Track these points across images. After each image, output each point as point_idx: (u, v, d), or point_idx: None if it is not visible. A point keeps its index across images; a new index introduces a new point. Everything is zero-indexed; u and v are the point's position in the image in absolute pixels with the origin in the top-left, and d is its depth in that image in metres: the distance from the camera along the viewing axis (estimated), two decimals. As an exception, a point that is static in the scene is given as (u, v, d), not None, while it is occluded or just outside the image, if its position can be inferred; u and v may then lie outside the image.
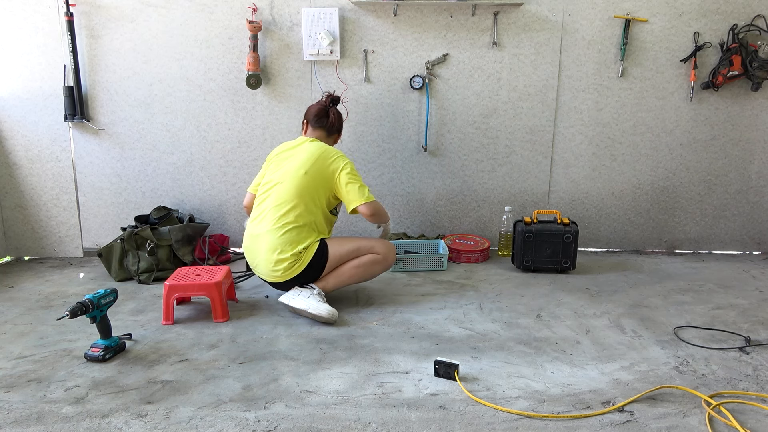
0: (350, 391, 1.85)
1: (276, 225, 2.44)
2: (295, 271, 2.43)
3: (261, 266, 2.49)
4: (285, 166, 2.55)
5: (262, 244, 2.46)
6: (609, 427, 1.66)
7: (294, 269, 2.43)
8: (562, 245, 2.99)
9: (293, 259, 2.42)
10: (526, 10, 3.20)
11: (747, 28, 3.17)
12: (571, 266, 3.02)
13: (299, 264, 2.43)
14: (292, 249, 2.41)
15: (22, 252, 3.43)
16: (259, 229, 2.49)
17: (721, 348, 2.17)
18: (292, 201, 2.46)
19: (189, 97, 3.29)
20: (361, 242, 2.57)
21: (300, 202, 2.46)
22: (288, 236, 2.42)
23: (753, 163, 3.38)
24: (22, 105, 3.24)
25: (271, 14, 3.21)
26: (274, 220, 2.45)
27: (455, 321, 2.43)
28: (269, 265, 2.44)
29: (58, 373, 1.98)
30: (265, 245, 2.44)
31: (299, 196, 2.46)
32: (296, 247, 2.42)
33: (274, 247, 2.42)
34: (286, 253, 2.41)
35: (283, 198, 2.47)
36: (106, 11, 3.17)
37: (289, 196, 2.47)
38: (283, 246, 2.41)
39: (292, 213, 2.44)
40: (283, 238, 2.42)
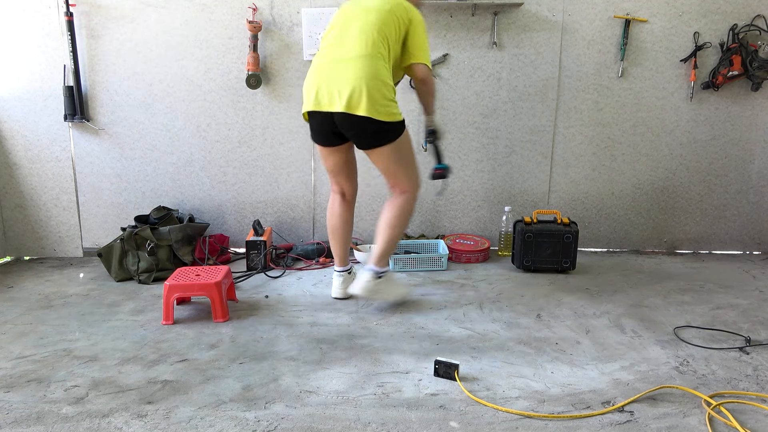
0: (350, 391, 1.85)
1: (370, 51, 2.26)
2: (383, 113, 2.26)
3: (342, 91, 2.26)
4: (363, 3, 2.37)
5: (350, 70, 2.26)
6: (609, 427, 1.66)
7: (385, 111, 2.27)
8: (562, 245, 2.99)
9: (390, 99, 2.28)
10: (526, 10, 3.20)
11: (747, 28, 3.17)
12: (571, 266, 3.02)
13: (391, 110, 2.29)
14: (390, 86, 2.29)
15: (22, 252, 3.43)
16: (343, 53, 2.29)
17: (721, 348, 2.17)
18: (381, 32, 2.29)
19: (189, 97, 3.29)
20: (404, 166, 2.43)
21: (386, 40, 2.30)
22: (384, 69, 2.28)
23: (753, 163, 3.38)
24: (22, 105, 3.24)
25: (271, 14, 3.21)
26: (366, 45, 2.27)
27: (455, 321, 2.43)
28: (359, 88, 2.23)
29: (58, 373, 1.98)
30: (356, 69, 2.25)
31: (385, 33, 2.30)
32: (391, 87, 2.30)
33: (372, 74, 2.24)
34: (389, 84, 2.28)
35: (370, 26, 2.29)
36: (106, 11, 3.17)
37: (377, 26, 2.29)
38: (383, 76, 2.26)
39: (383, 46, 2.29)
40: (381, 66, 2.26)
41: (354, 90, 2.25)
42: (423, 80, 2.40)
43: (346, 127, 2.34)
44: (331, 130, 2.41)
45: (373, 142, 2.36)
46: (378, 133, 2.33)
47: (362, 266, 2.61)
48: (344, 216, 2.64)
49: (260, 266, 3.10)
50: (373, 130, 2.31)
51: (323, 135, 2.45)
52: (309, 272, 3.11)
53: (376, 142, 2.36)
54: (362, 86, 2.24)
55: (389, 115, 2.30)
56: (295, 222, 3.49)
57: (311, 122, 2.46)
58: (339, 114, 2.30)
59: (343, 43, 2.33)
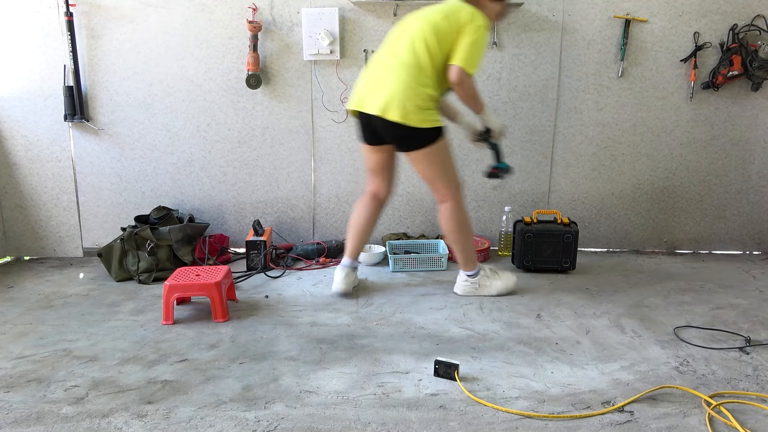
0: (350, 391, 1.85)
1: (411, 60, 2.36)
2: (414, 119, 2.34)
3: (379, 95, 2.37)
4: (421, 13, 2.46)
5: (391, 76, 2.37)
6: (609, 427, 1.66)
7: (417, 118, 2.34)
8: (562, 245, 2.99)
9: (423, 107, 2.35)
10: (526, 10, 3.20)
11: (747, 28, 3.17)
12: (571, 266, 3.02)
13: (425, 117, 2.35)
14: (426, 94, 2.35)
15: (22, 252, 3.43)
16: (389, 59, 2.41)
17: (721, 348, 2.17)
18: (429, 41, 2.36)
19: (189, 97, 3.29)
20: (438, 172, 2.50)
21: (434, 48, 2.36)
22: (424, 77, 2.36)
23: (753, 163, 3.38)
24: (22, 105, 3.24)
25: (271, 14, 3.21)
26: (410, 53, 2.37)
27: (455, 321, 2.43)
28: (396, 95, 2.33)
29: (58, 373, 1.98)
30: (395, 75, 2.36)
31: (432, 42, 2.36)
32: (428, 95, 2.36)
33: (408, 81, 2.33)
34: (426, 92, 2.35)
35: (419, 34, 2.38)
36: (106, 11, 3.17)
37: (425, 35, 2.36)
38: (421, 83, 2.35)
39: (427, 54, 2.36)
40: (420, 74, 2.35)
41: (388, 95, 2.35)
42: (455, 83, 2.38)
43: (381, 129, 2.45)
44: (373, 131, 2.52)
45: (405, 146, 2.45)
46: (409, 138, 2.41)
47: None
48: (368, 214, 2.71)
49: (260, 266, 3.10)
50: (403, 134, 2.40)
51: (367, 133, 2.57)
52: (309, 272, 3.11)
53: (408, 146, 2.45)
54: (397, 92, 2.34)
55: (421, 122, 2.36)
56: (295, 222, 3.49)
57: (357, 120, 2.58)
58: (375, 116, 2.42)
59: (393, 50, 2.44)
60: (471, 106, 2.47)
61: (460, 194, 2.58)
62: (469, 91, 2.41)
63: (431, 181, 2.54)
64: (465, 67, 2.35)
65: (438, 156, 2.47)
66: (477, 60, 2.38)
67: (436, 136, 2.43)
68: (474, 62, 2.37)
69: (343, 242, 3.38)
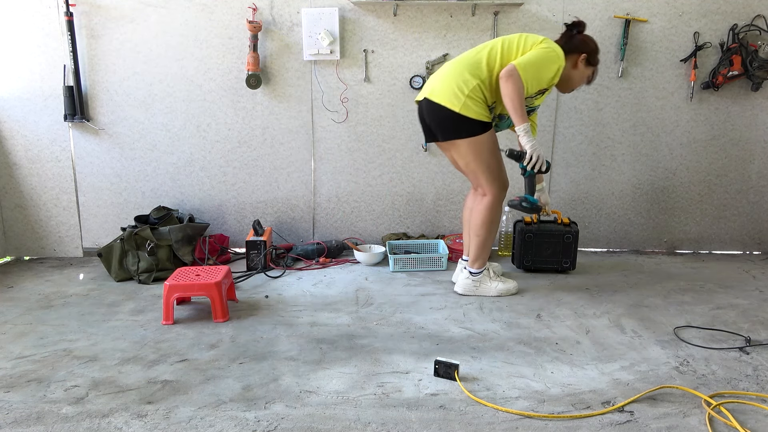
0: (350, 391, 1.85)
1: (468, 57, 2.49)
2: (455, 103, 2.40)
3: (431, 82, 2.52)
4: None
5: (446, 68, 2.51)
6: (609, 427, 1.66)
7: (460, 103, 2.40)
8: (563, 245, 2.99)
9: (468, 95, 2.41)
10: (526, 10, 3.20)
11: (747, 28, 3.17)
12: (572, 266, 3.02)
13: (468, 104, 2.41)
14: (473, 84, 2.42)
15: (22, 252, 3.43)
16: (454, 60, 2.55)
17: (721, 348, 2.17)
18: (496, 50, 2.47)
19: (189, 97, 3.29)
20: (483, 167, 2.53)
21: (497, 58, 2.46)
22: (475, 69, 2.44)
23: (753, 163, 3.38)
24: (22, 105, 3.24)
25: (271, 14, 3.21)
26: (470, 53, 2.51)
27: (455, 321, 2.43)
28: (443, 80, 2.45)
29: (58, 373, 1.98)
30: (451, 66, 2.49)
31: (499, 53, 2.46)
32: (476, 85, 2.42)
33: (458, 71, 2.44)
34: (474, 82, 2.42)
35: (488, 44, 2.52)
36: (106, 11, 3.17)
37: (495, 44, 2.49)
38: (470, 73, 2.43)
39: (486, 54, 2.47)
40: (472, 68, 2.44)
41: (438, 80, 2.48)
42: (502, 76, 2.36)
43: (427, 114, 2.52)
44: (425, 123, 2.59)
45: (446, 132, 2.49)
46: (450, 123, 2.45)
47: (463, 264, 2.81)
48: (472, 208, 2.72)
49: (260, 266, 3.10)
50: (446, 119, 2.45)
51: (423, 129, 2.63)
52: (309, 272, 3.11)
53: (450, 133, 2.48)
54: (445, 78, 2.45)
55: (464, 108, 2.41)
56: (295, 222, 3.49)
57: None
58: (423, 101, 2.52)
59: (465, 52, 2.63)
60: (510, 109, 2.39)
61: (503, 194, 2.60)
62: (512, 90, 2.34)
63: (474, 175, 2.57)
64: (518, 66, 2.35)
65: (483, 150, 2.50)
66: (534, 71, 2.38)
67: (481, 129, 2.46)
68: (529, 69, 2.37)
69: (342, 242, 3.38)
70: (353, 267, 3.19)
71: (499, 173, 2.55)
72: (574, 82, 2.60)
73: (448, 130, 2.48)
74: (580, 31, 2.56)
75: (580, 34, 2.55)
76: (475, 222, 2.61)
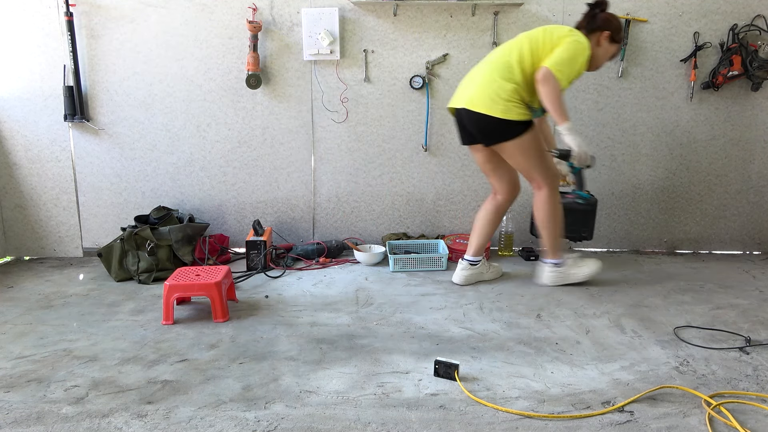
0: (350, 391, 1.85)
1: (500, 59, 2.52)
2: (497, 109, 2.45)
3: (468, 90, 2.55)
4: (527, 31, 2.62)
5: (480, 74, 2.55)
6: (609, 427, 1.66)
7: (501, 109, 2.45)
8: (583, 216, 3.00)
9: (507, 99, 2.46)
10: (526, 10, 3.20)
11: (747, 28, 3.17)
12: (589, 236, 3.04)
13: (508, 108, 2.46)
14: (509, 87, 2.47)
15: (22, 252, 3.43)
16: (484, 63, 2.60)
17: (721, 348, 2.17)
18: (522, 47, 2.51)
19: (189, 97, 3.29)
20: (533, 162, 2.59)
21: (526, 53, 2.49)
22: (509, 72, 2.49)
23: (753, 163, 3.38)
24: (22, 105, 3.24)
25: (271, 14, 3.21)
26: (501, 54, 2.54)
27: (455, 321, 2.43)
28: (481, 87, 2.49)
29: (58, 373, 1.98)
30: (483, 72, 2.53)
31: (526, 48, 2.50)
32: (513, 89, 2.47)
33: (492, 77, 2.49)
34: (510, 86, 2.46)
35: (514, 43, 2.55)
36: (106, 11, 3.17)
37: (522, 42, 2.53)
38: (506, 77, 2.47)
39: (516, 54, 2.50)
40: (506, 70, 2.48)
41: (475, 89, 2.52)
42: (538, 79, 2.43)
43: (468, 123, 2.58)
44: (465, 128, 2.65)
45: (492, 138, 2.55)
46: (495, 129, 2.51)
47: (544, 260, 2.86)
48: (487, 210, 2.82)
49: (260, 266, 3.10)
50: (489, 126, 2.51)
51: (461, 133, 2.72)
52: (309, 272, 3.11)
53: (495, 138, 2.54)
54: (482, 86, 2.50)
55: (505, 113, 2.46)
56: (295, 222, 3.49)
57: (455, 122, 2.74)
58: (462, 110, 2.56)
59: (488, 56, 2.62)
60: (552, 111, 2.45)
61: (557, 183, 2.67)
62: (550, 91, 2.40)
63: (527, 172, 2.64)
64: (552, 68, 2.40)
65: (530, 147, 2.56)
66: (567, 69, 2.43)
67: (524, 129, 2.51)
68: (563, 68, 2.41)
69: (342, 242, 3.38)
70: (353, 267, 3.20)
71: (549, 164, 2.65)
72: (599, 59, 2.64)
73: (493, 136, 2.55)
74: (602, 9, 2.59)
75: (602, 12, 2.59)
76: (541, 215, 2.70)
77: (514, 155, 2.59)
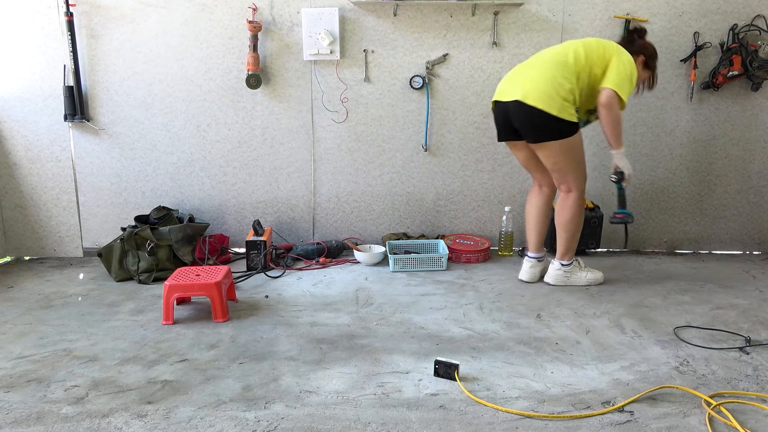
0: (350, 391, 1.85)
1: (556, 58, 2.52)
2: (553, 106, 2.45)
3: (522, 84, 2.52)
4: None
5: (534, 69, 2.53)
6: (609, 427, 1.66)
7: (557, 106, 2.45)
8: (589, 228, 3.20)
9: (564, 98, 2.46)
10: (526, 10, 3.20)
11: (747, 28, 3.17)
12: (597, 246, 3.23)
13: (564, 107, 2.47)
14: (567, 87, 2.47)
15: (22, 252, 3.43)
16: (535, 60, 2.59)
17: (721, 348, 2.17)
18: (579, 51, 2.52)
19: (189, 97, 3.29)
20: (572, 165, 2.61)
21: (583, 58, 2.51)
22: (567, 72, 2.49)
23: (753, 163, 3.38)
24: (22, 105, 3.24)
25: (271, 14, 3.21)
26: (556, 53, 2.55)
27: (455, 321, 2.43)
28: (538, 82, 2.48)
29: (58, 373, 1.98)
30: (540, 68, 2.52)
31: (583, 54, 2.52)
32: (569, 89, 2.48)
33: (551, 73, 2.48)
34: (567, 86, 2.46)
35: (569, 44, 2.58)
36: (106, 11, 3.17)
37: (577, 45, 2.55)
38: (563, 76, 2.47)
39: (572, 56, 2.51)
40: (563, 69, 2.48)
41: (531, 83, 2.50)
42: (603, 104, 2.49)
43: (517, 116, 2.56)
44: (508, 124, 2.65)
45: (541, 134, 2.54)
46: (545, 126, 2.51)
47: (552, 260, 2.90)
48: (538, 204, 2.87)
49: (260, 266, 3.10)
50: (541, 122, 2.50)
51: (502, 128, 2.71)
52: (309, 272, 3.11)
53: (543, 135, 2.53)
54: (539, 81, 2.48)
55: (560, 111, 2.47)
56: (295, 222, 3.49)
57: (494, 117, 2.74)
58: (513, 103, 2.54)
59: (538, 54, 2.63)
60: (610, 135, 2.54)
61: (584, 187, 2.71)
62: (614, 118, 2.50)
63: (563, 173, 2.65)
64: (617, 91, 2.45)
65: (573, 149, 2.58)
66: (628, 87, 2.49)
67: (573, 130, 2.53)
68: (626, 90, 2.48)
69: (342, 242, 3.38)
70: (353, 267, 3.20)
71: (584, 170, 2.68)
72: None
73: (543, 133, 2.53)
74: (640, 36, 2.71)
75: (641, 39, 2.70)
76: (565, 218, 2.73)
77: (556, 155, 2.58)
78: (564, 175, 2.65)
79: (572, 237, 2.77)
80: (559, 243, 2.80)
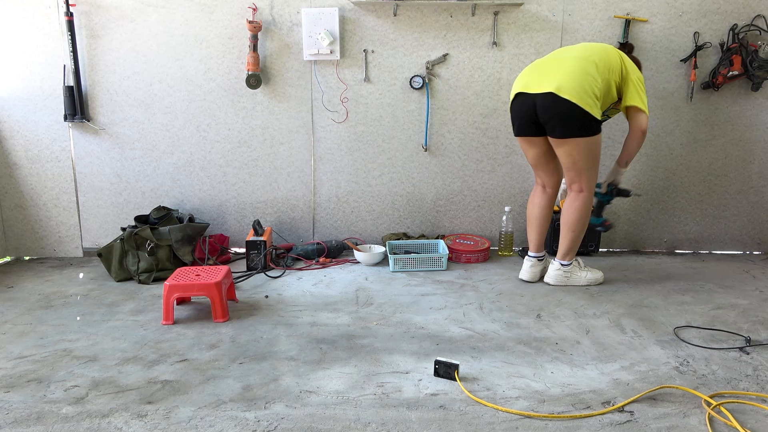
0: (350, 391, 1.85)
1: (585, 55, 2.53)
2: (586, 102, 2.46)
3: (554, 77, 2.51)
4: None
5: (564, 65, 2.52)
6: (609, 427, 1.66)
7: (588, 102, 2.47)
8: (588, 231, 3.10)
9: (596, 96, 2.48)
10: (526, 10, 3.20)
11: (747, 28, 3.17)
12: (596, 249, 3.31)
13: (594, 104, 2.48)
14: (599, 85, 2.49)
15: (22, 252, 3.43)
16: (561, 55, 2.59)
17: (721, 348, 2.17)
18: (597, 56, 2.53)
19: (189, 97, 3.29)
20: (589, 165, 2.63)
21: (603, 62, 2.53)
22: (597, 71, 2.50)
23: (753, 163, 3.38)
24: (22, 105, 3.24)
25: (271, 14, 3.21)
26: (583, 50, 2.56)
27: (455, 321, 2.43)
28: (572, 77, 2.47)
29: (58, 373, 1.98)
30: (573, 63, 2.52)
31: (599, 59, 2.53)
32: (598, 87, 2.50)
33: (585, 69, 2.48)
34: (596, 84, 2.48)
35: (588, 46, 2.59)
36: (106, 11, 3.17)
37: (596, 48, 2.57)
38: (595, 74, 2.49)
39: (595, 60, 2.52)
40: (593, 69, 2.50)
41: (564, 76, 2.48)
42: (642, 129, 2.60)
43: (548, 109, 2.52)
44: (531, 118, 2.61)
45: (570, 129, 2.53)
46: (574, 121, 2.50)
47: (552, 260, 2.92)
48: (541, 205, 2.88)
49: (260, 266, 3.10)
50: (571, 116, 2.49)
51: (524, 122, 2.66)
52: (309, 272, 3.11)
53: (573, 130, 2.53)
54: (573, 75, 2.47)
55: (590, 107, 2.48)
56: (295, 222, 3.49)
57: (514, 110, 2.69)
58: (545, 95, 2.50)
59: (558, 52, 2.63)
60: (630, 155, 2.69)
61: (594, 190, 2.76)
62: (640, 143, 2.64)
63: (579, 172, 2.64)
64: (648, 114, 2.59)
65: (594, 149, 2.60)
66: (646, 101, 2.61)
67: (598, 128, 2.56)
68: (645, 102, 2.59)
69: (342, 242, 3.38)
70: (353, 267, 3.20)
71: (597, 172, 2.71)
72: None
73: (573, 128, 2.52)
74: (629, 51, 2.90)
75: (628, 54, 2.83)
76: (573, 218, 2.73)
77: (578, 153, 2.57)
78: (579, 175, 2.65)
79: (577, 237, 2.77)
80: (563, 243, 2.79)
